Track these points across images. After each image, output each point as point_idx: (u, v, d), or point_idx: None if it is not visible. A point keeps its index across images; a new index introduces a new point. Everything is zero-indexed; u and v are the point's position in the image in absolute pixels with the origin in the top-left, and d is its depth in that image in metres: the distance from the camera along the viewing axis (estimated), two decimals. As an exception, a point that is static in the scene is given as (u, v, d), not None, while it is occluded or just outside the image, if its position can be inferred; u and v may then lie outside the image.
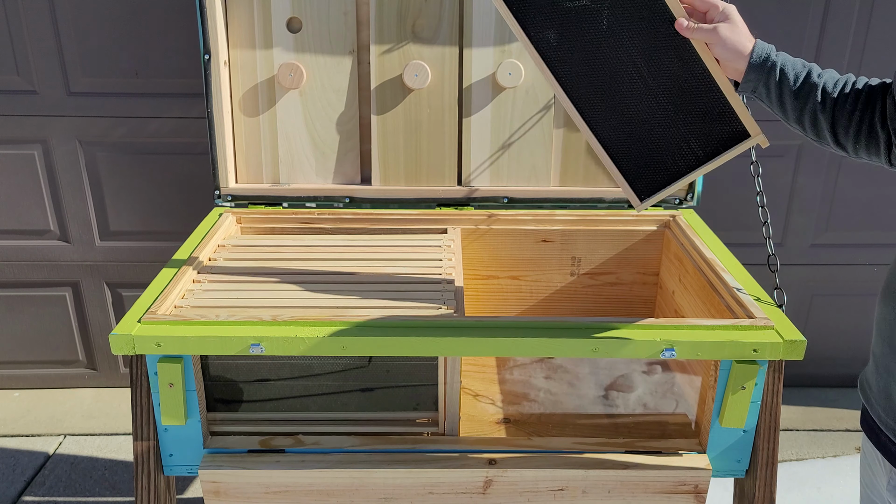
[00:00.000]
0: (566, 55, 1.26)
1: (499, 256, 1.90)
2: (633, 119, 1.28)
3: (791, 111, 1.15)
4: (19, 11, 2.27)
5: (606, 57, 1.25)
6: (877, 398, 1.09)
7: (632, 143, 1.30)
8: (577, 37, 1.25)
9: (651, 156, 1.30)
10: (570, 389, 1.70)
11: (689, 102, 1.25)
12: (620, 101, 1.27)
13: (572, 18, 1.24)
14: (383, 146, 1.88)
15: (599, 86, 1.27)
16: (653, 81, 1.25)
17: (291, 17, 1.82)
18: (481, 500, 1.41)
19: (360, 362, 1.41)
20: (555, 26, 1.25)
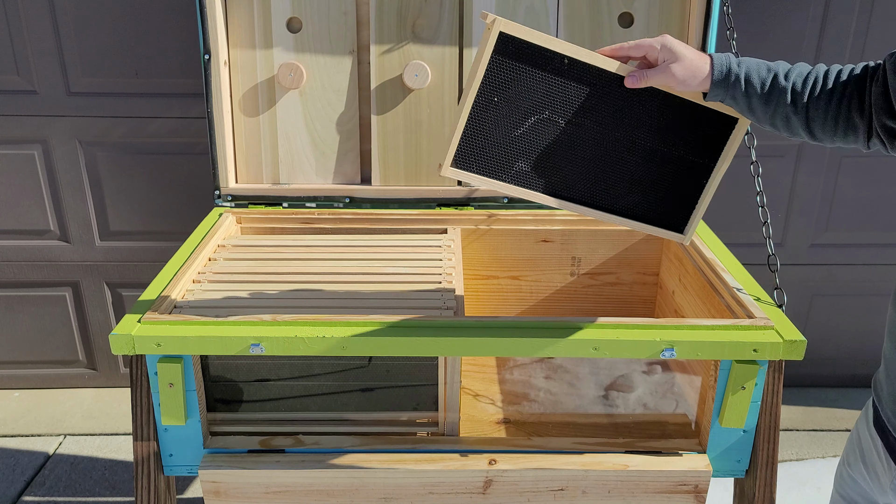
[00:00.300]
0: (546, 172, 1.26)
1: (499, 256, 1.90)
2: (636, 178, 1.29)
3: (762, 116, 1.16)
4: (19, 11, 2.27)
5: (585, 146, 1.25)
6: (887, 400, 1.09)
7: (648, 197, 1.31)
8: (544, 149, 1.25)
9: (669, 193, 1.32)
10: (570, 389, 1.70)
11: (673, 128, 1.26)
12: (618, 171, 1.28)
13: (532, 138, 1.24)
14: (383, 146, 1.88)
15: (594, 174, 1.28)
16: (634, 137, 1.26)
17: (291, 17, 1.82)
18: (481, 500, 1.41)
19: (360, 362, 1.41)
20: (523, 155, 1.25)
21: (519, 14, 1.80)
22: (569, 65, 1.20)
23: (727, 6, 1.76)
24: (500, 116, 1.21)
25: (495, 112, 1.21)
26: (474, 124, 1.21)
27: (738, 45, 2.10)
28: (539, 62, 1.19)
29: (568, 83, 1.21)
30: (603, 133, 1.25)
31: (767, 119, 1.15)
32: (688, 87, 1.17)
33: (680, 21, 1.81)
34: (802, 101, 1.12)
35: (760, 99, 1.14)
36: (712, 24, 1.76)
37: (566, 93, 1.21)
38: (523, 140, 1.24)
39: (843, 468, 1.26)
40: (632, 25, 1.82)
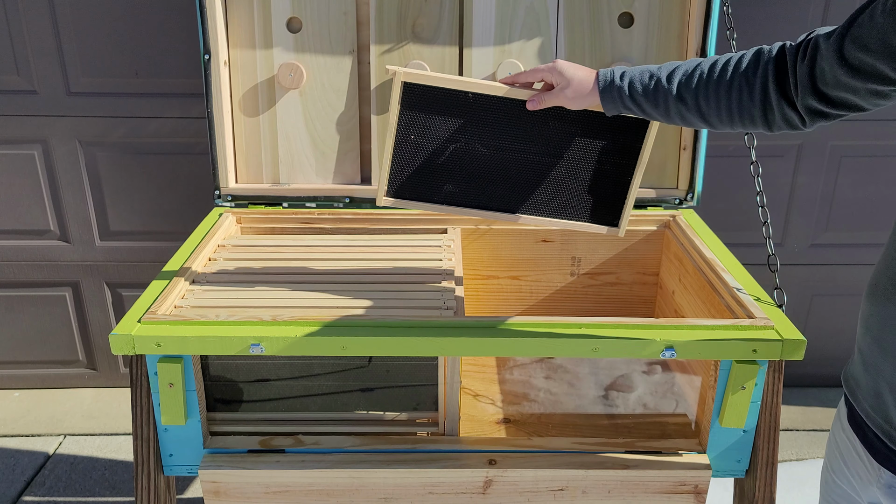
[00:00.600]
0: (474, 190, 1.42)
1: (499, 256, 1.90)
2: (563, 185, 1.42)
3: (661, 117, 1.24)
4: (19, 11, 2.27)
5: (507, 164, 1.40)
6: (864, 395, 1.09)
7: (576, 200, 1.44)
8: (468, 170, 1.40)
9: (598, 194, 1.44)
10: (570, 389, 1.70)
11: (582, 140, 1.39)
12: (543, 181, 1.42)
13: (456, 163, 1.39)
14: (383, 146, 1.88)
15: (520, 186, 1.42)
16: (553, 150, 1.39)
17: (291, 17, 1.82)
18: (481, 500, 1.41)
19: (360, 362, 1.41)
20: (449, 178, 1.40)
21: (519, 14, 1.80)
22: (473, 98, 1.35)
23: (727, 6, 1.76)
24: (421, 150, 1.38)
25: (416, 147, 1.38)
26: (399, 160, 1.39)
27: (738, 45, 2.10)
28: (446, 100, 1.35)
29: (477, 113, 1.36)
30: (521, 150, 1.39)
31: (667, 119, 1.24)
32: (582, 105, 1.28)
33: (680, 21, 1.81)
34: (692, 96, 1.19)
35: (649, 103, 1.23)
36: (712, 24, 1.76)
37: (478, 121, 1.36)
38: (448, 166, 1.40)
39: (828, 474, 1.25)
40: (632, 25, 1.82)
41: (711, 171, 2.32)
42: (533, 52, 1.82)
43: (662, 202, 1.89)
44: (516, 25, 1.81)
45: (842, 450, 1.19)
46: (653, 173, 1.89)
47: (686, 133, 1.85)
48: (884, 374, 1.04)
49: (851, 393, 1.13)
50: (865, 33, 1.00)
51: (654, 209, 1.88)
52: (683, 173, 1.88)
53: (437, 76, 1.34)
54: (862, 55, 1.01)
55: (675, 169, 1.89)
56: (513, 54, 1.82)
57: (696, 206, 1.89)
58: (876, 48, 0.99)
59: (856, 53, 1.02)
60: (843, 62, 1.04)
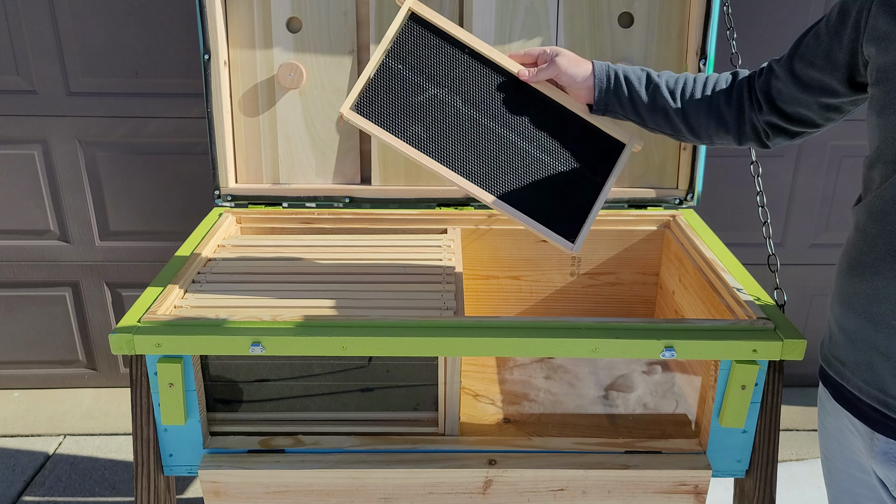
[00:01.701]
0: (440, 145, 1.38)
1: (499, 256, 1.90)
2: (526, 176, 1.39)
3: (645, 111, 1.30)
4: (19, 11, 2.27)
5: (476, 131, 1.38)
6: (854, 371, 1.10)
7: (539, 197, 1.39)
8: (442, 123, 1.38)
9: (558, 201, 1.40)
10: (570, 389, 1.70)
11: (561, 140, 1.38)
12: (507, 164, 1.39)
13: (429, 109, 1.38)
14: (383, 146, 1.88)
15: (485, 158, 1.39)
16: (526, 141, 1.38)
17: (291, 17, 1.82)
18: (481, 500, 1.41)
19: (360, 362, 1.41)
20: (417, 121, 1.38)
21: (519, 14, 1.80)
22: (469, 54, 1.36)
23: (727, 6, 1.76)
24: (402, 81, 1.37)
25: (398, 77, 1.37)
26: (379, 80, 1.36)
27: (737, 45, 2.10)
28: (443, 46, 1.36)
29: (469, 71, 1.37)
30: (500, 125, 1.38)
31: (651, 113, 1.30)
32: (574, 84, 1.32)
33: (680, 21, 1.81)
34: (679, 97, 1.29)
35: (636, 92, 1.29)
36: (712, 24, 1.76)
37: (467, 79, 1.37)
38: (422, 109, 1.37)
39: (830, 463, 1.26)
40: (632, 25, 1.82)
41: (711, 171, 2.32)
42: (533, 52, 1.82)
43: (662, 202, 1.89)
44: (516, 25, 1.81)
45: (835, 435, 1.20)
46: (653, 173, 1.89)
47: (686, 133, 1.85)
48: (877, 345, 1.06)
49: (838, 373, 1.13)
50: (811, 51, 1.15)
51: (654, 209, 1.88)
52: (683, 173, 1.88)
53: (445, 19, 1.36)
54: (810, 71, 1.15)
55: (675, 169, 1.89)
56: (513, 54, 1.82)
57: (696, 206, 1.89)
58: (821, 64, 1.13)
59: (805, 70, 1.16)
60: (794, 80, 1.18)
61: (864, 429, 1.11)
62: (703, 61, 1.78)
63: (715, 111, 1.28)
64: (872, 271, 1.05)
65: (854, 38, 1.08)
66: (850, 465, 1.19)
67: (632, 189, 1.90)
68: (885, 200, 1.03)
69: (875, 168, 1.06)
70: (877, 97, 1.04)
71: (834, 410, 1.18)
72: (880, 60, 1.02)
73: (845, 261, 1.12)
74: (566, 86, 1.35)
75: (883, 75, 1.02)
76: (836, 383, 1.15)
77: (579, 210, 1.39)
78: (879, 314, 1.05)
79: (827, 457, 1.25)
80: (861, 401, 1.10)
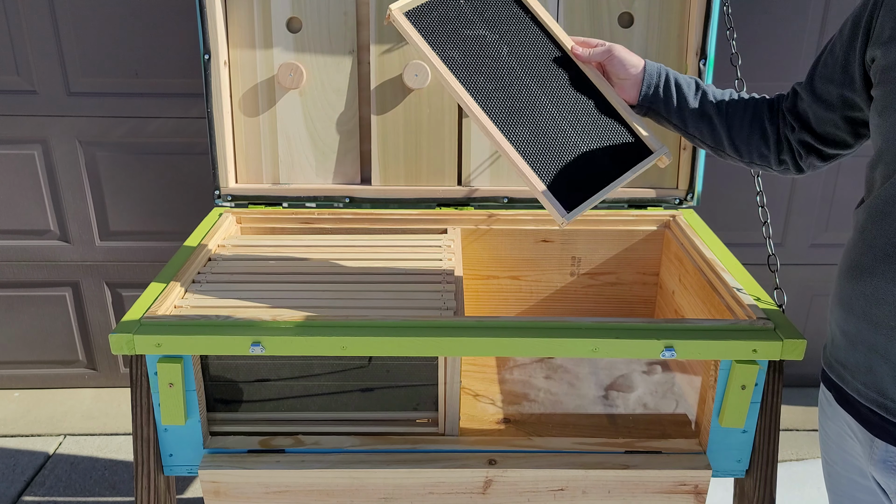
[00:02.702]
0: (474, 74, 1.36)
1: (499, 256, 1.90)
2: (546, 138, 1.34)
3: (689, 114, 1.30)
4: (19, 11, 2.27)
5: (511, 80, 1.36)
6: (855, 374, 1.10)
7: (549, 159, 1.34)
8: (481, 60, 1.36)
9: (568, 172, 1.35)
10: (570, 389, 1.70)
11: (592, 125, 1.35)
12: (531, 121, 1.34)
13: (473, 44, 1.36)
14: (383, 146, 1.88)
15: (510, 105, 1.35)
16: (554, 107, 1.35)
17: (291, 17, 1.82)
18: (481, 500, 1.41)
19: (360, 362, 1.41)
20: (458, 48, 1.36)
21: (519, 14, 1.80)
22: (531, 18, 1.38)
23: (727, 6, 1.76)
24: (459, 11, 1.36)
25: (457, 5, 1.36)
26: (438, 1, 1.36)
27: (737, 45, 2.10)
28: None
29: (523, 31, 1.37)
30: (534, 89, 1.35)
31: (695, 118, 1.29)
32: (624, 72, 1.31)
33: (680, 21, 1.81)
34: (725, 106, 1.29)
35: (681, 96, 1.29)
36: (712, 24, 1.76)
37: (519, 36, 1.37)
38: (468, 42, 1.36)
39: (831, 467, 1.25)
40: (632, 25, 1.82)
41: (711, 171, 2.32)
42: (533, 52, 1.82)
43: (662, 202, 1.89)
44: (516, 25, 1.81)
45: (835, 440, 1.20)
46: (653, 173, 1.89)
47: (686, 133, 1.85)
48: (876, 347, 1.05)
49: (839, 377, 1.14)
50: (829, 68, 1.16)
51: (654, 209, 1.88)
52: (683, 173, 1.88)
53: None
54: (830, 87, 1.16)
55: (675, 169, 1.89)
56: (513, 54, 1.82)
57: (696, 206, 1.89)
58: (840, 78, 1.14)
59: (825, 87, 1.17)
60: (817, 98, 1.19)
61: (864, 434, 1.11)
62: (703, 61, 1.78)
63: (758, 123, 1.27)
64: (871, 272, 1.05)
65: (864, 45, 1.08)
66: (851, 470, 1.19)
67: (632, 189, 1.90)
68: (884, 201, 1.03)
69: (877, 169, 1.06)
70: (879, 98, 1.04)
71: (835, 415, 1.18)
72: (883, 62, 1.03)
73: (845, 262, 1.12)
74: (614, 74, 1.33)
75: (885, 76, 1.03)
76: (838, 386, 1.15)
77: (585, 189, 1.35)
78: (879, 316, 1.05)
79: (828, 461, 1.25)
80: (861, 404, 1.10)
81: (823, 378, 1.20)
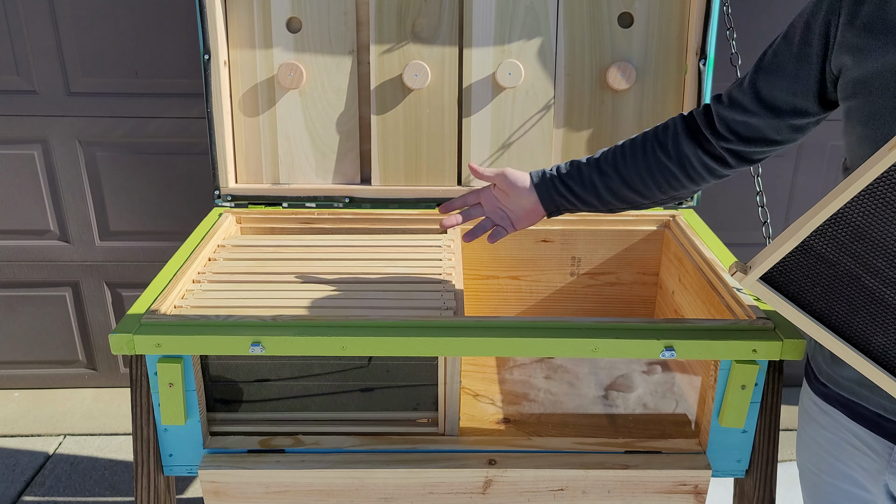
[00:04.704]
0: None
1: (499, 256, 1.90)
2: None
3: (594, 198, 1.33)
4: (19, 11, 2.27)
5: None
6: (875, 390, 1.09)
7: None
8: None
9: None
10: (570, 389, 1.70)
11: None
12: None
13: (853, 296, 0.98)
14: (383, 146, 1.88)
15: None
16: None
17: (291, 17, 1.82)
18: (481, 500, 1.41)
19: (360, 362, 1.41)
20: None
21: (519, 14, 1.80)
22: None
23: (727, 6, 1.76)
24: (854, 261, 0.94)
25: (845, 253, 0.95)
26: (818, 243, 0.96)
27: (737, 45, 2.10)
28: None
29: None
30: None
31: (599, 200, 1.31)
32: (521, 203, 1.36)
33: (680, 21, 1.81)
34: (612, 167, 1.28)
35: (577, 184, 1.30)
36: (712, 24, 1.76)
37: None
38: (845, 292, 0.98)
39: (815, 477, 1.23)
40: (632, 25, 1.82)
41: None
42: (533, 52, 1.82)
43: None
44: (516, 25, 1.81)
45: (828, 448, 1.19)
46: (653, 173, 1.89)
47: (686, 133, 1.85)
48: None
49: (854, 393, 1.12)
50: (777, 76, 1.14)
51: (654, 209, 1.88)
52: (683, 173, 1.88)
53: None
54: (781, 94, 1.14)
55: (675, 169, 1.89)
56: (512, 54, 1.82)
57: (696, 206, 1.89)
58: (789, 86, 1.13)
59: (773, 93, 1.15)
60: (763, 105, 1.17)
61: (882, 445, 1.10)
62: (702, 61, 1.78)
63: (655, 165, 1.26)
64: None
65: (822, 54, 1.07)
66: (842, 479, 1.18)
67: (632, 189, 1.89)
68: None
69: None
70: (858, 108, 1.02)
71: (833, 425, 1.17)
72: (856, 73, 1.01)
73: None
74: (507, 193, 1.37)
75: (862, 86, 1.01)
76: (849, 402, 1.14)
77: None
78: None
79: (811, 470, 1.25)
80: (885, 418, 1.09)
81: (821, 394, 1.19)
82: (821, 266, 0.97)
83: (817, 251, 0.96)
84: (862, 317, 0.98)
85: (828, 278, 0.98)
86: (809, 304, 1.01)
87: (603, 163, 1.29)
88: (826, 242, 0.95)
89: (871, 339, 0.99)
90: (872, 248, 0.93)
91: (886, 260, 0.92)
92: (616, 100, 1.86)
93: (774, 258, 0.99)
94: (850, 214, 0.92)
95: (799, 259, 0.98)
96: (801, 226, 0.95)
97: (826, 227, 0.94)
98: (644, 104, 1.86)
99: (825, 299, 0.99)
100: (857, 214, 0.91)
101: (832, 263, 0.96)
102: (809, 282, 0.99)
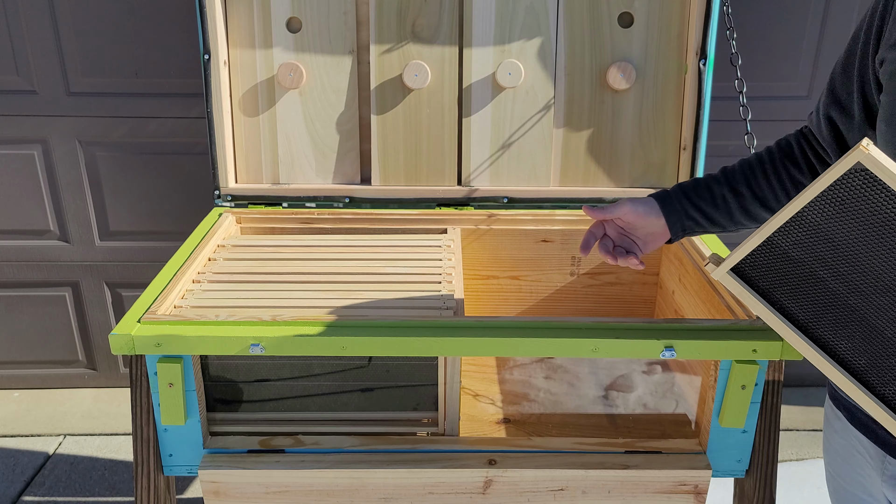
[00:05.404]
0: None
1: (499, 256, 1.90)
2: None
3: (724, 217, 1.31)
4: (19, 11, 2.27)
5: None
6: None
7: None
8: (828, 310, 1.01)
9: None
10: (570, 389, 1.70)
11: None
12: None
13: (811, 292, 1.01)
14: (383, 146, 1.88)
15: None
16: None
17: (291, 17, 1.82)
18: (481, 500, 1.41)
19: (360, 362, 1.41)
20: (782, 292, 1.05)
21: (519, 14, 1.80)
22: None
23: (727, 6, 1.76)
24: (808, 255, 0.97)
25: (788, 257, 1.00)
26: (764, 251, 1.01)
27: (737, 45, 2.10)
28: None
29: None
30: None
31: (730, 218, 1.29)
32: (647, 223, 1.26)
33: (680, 21, 1.81)
34: (744, 184, 1.25)
35: (705, 202, 1.26)
36: (712, 24, 1.76)
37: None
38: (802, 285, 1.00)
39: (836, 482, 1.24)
40: (632, 25, 1.82)
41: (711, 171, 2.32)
42: (533, 53, 1.82)
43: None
44: (516, 25, 1.81)
45: (843, 455, 1.19)
46: (653, 173, 1.89)
47: (686, 133, 1.85)
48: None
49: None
50: (848, 77, 1.09)
51: (654, 209, 1.88)
52: (683, 173, 1.88)
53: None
54: (850, 95, 1.09)
55: (675, 169, 1.89)
56: (512, 54, 1.82)
57: (696, 206, 1.89)
58: (858, 86, 1.07)
59: (847, 96, 1.10)
60: (839, 109, 1.12)
61: (876, 451, 1.10)
62: (702, 61, 1.78)
63: (788, 179, 1.22)
64: None
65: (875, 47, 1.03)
66: (857, 486, 1.18)
67: (632, 189, 1.90)
68: None
69: None
70: (886, 105, 0.99)
71: (843, 430, 1.17)
72: (892, 66, 0.98)
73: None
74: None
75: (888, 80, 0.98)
76: (851, 406, 1.14)
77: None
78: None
79: (833, 475, 1.25)
80: (878, 425, 1.09)
81: (832, 396, 1.19)
82: (786, 264, 1.00)
83: (782, 249, 0.99)
84: (828, 320, 1.01)
85: (795, 277, 1.01)
86: (778, 300, 1.05)
87: (733, 181, 1.25)
88: (790, 241, 0.98)
89: (837, 343, 1.01)
90: (835, 251, 0.95)
91: (849, 265, 0.94)
92: (616, 100, 1.86)
93: (742, 252, 1.03)
94: (811, 215, 0.94)
95: (766, 255, 1.02)
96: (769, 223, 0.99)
97: (789, 225, 0.97)
98: (644, 104, 1.86)
99: (793, 298, 1.03)
100: (818, 216, 0.93)
101: (797, 262, 0.99)
102: (778, 279, 1.03)
